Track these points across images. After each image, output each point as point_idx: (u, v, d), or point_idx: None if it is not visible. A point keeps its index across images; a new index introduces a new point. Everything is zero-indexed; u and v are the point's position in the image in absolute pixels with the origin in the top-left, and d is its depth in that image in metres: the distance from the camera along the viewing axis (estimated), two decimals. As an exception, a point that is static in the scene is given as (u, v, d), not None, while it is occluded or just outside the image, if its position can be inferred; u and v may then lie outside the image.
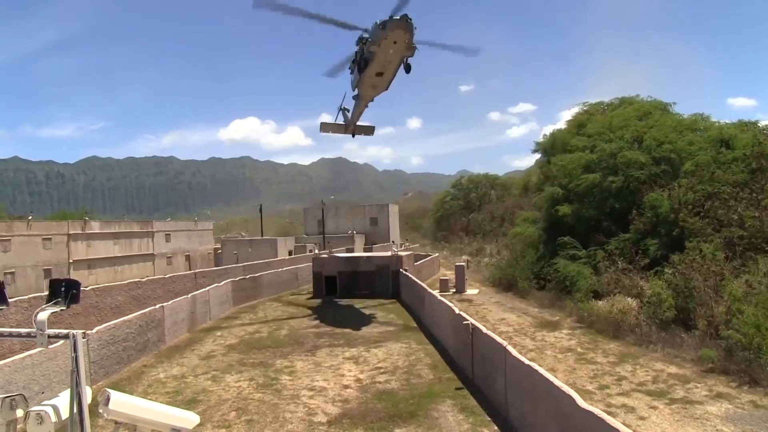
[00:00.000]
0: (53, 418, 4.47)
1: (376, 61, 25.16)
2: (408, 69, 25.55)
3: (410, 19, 22.91)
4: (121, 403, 4.90)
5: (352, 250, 52.69)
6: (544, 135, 42.92)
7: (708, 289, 19.16)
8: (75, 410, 4.33)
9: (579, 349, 19.66)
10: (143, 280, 31.36)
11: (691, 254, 20.92)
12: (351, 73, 28.57)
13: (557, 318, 25.63)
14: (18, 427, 4.73)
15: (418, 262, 40.75)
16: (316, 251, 53.73)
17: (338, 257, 36.73)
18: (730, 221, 21.55)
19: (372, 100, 29.90)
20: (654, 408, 13.47)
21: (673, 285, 20.56)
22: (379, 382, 16.08)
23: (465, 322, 16.14)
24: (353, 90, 29.50)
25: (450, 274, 40.71)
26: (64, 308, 4.61)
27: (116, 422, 5.06)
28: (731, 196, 22.11)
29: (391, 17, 22.91)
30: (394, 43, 23.58)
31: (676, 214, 24.04)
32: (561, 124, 57.34)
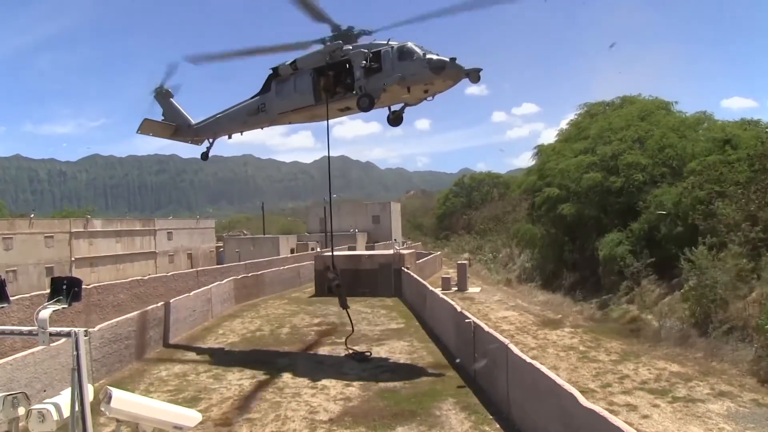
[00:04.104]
0: (55, 417, 4.46)
1: None
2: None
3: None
4: (123, 401, 4.89)
5: (354, 248, 52.70)
6: (538, 148, 42.78)
7: (739, 286, 18.77)
8: (77, 408, 4.31)
9: (581, 348, 19.65)
10: (145, 278, 31.39)
11: (708, 254, 20.41)
12: None
13: (559, 316, 25.62)
14: (20, 425, 4.73)
15: (420, 261, 40.77)
16: (318, 249, 53.74)
17: (340, 255, 36.72)
18: (739, 220, 21.37)
19: None
20: (656, 406, 13.45)
21: (701, 285, 19.65)
22: (381, 380, 16.06)
23: (467, 321, 16.13)
24: None
25: (452, 272, 40.76)
26: (66, 306, 4.60)
27: (118, 420, 5.05)
28: (742, 195, 21.94)
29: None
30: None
31: (684, 211, 23.81)
32: (564, 125, 57.40)
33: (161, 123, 22.98)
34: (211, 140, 23.04)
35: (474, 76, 16.32)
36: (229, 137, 22.88)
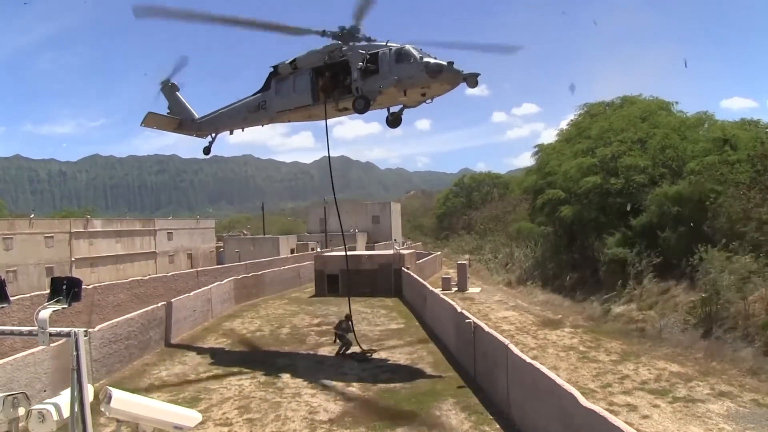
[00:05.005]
0: (55, 417, 4.46)
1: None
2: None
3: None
4: (123, 401, 4.89)
5: (354, 248, 52.70)
6: (538, 147, 42.85)
7: (742, 287, 18.77)
8: (77, 408, 4.32)
9: (581, 348, 19.65)
10: (145, 278, 31.39)
11: (716, 254, 20.39)
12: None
13: (559, 316, 25.61)
14: (20, 425, 4.73)
15: (420, 261, 40.76)
16: (318, 249, 53.72)
17: (340, 255, 36.70)
18: (740, 219, 21.34)
19: None
20: (656, 406, 13.46)
21: (708, 286, 19.65)
22: (381, 381, 16.08)
23: (467, 321, 16.13)
24: None
25: (452, 273, 40.75)
26: (66, 306, 4.60)
27: (118, 420, 5.06)
28: (743, 194, 21.90)
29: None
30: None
31: (684, 213, 23.80)
32: (564, 125, 57.32)
33: (165, 116, 23.18)
34: (213, 135, 23.13)
35: (472, 81, 16.19)
36: (231, 133, 23.06)
